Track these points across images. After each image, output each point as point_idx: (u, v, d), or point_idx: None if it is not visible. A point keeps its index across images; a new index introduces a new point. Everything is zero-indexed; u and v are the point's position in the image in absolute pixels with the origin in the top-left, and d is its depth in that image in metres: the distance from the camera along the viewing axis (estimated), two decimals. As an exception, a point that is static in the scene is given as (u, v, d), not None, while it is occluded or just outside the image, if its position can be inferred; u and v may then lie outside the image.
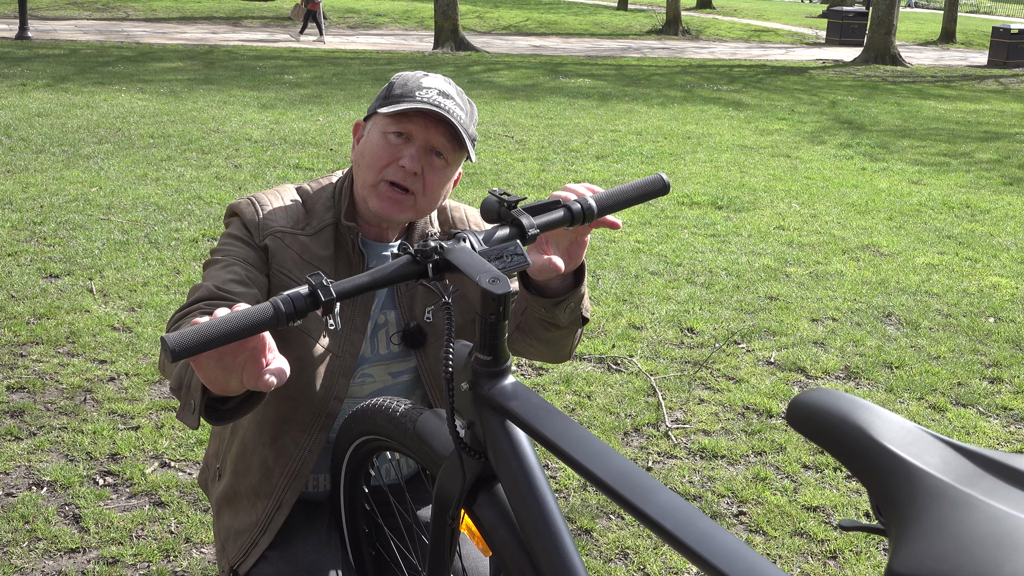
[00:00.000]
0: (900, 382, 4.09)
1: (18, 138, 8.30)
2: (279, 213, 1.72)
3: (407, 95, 1.63)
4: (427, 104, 1.60)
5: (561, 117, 11.20)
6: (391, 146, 1.65)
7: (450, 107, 1.63)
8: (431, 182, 1.67)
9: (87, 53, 15.26)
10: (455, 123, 1.62)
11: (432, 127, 1.64)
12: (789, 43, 26.25)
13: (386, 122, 1.66)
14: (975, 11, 46.83)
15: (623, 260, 5.63)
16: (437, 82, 1.67)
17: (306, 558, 1.70)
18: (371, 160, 1.66)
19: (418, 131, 1.64)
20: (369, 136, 1.69)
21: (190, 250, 5.38)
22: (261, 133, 9.11)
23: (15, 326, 4.20)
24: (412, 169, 1.63)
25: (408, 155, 1.64)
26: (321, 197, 1.75)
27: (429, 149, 1.65)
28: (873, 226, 6.75)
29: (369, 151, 1.67)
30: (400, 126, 1.64)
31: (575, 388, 3.88)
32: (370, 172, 1.66)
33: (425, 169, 1.66)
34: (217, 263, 1.65)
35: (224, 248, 1.68)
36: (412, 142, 1.65)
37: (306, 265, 1.69)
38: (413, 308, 1.76)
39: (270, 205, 1.72)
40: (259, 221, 1.70)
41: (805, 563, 2.80)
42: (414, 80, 1.66)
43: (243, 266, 1.64)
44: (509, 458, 1.24)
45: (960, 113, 13.46)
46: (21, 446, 3.22)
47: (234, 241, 1.69)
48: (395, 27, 24.61)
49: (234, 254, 1.66)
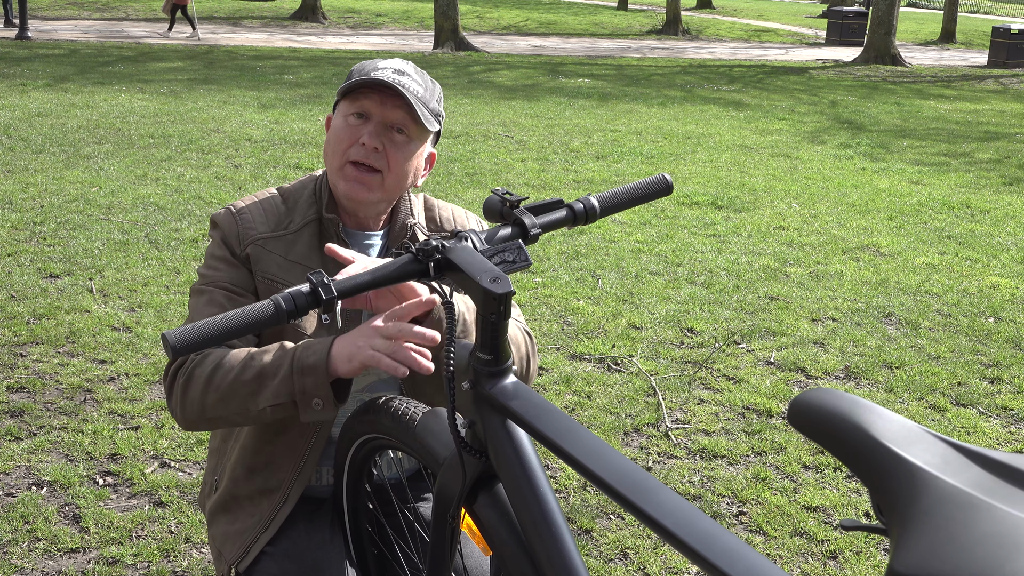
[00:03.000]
0: (900, 382, 4.09)
1: (18, 138, 8.30)
2: (258, 218, 1.74)
3: (362, 75, 1.66)
4: (379, 79, 1.63)
5: (561, 117, 11.20)
6: (351, 127, 1.68)
7: (404, 82, 1.66)
8: (395, 158, 1.69)
9: (87, 53, 15.26)
10: (409, 96, 1.64)
11: (388, 102, 1.66)
12: (789, 43, 26.25)
13: (346, 105, 1.70)
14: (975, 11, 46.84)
15: (623, 260, 5.63)
16: (393, 63, 1.71)
17: (310, 555, 1.70)
18: (335, 144, 1.70)
19: (374, 107, 1.67)
20: (333, 123, 1.73)
21: (190, 250, 5.38)
22: (261, 133, 9.11)
23: (15, 326, 4.20)
24: (372, 145, 1.66)
25: (367, 132, 1.67)
26: (303, 193, 1.78)
27: (388, 125, 1.68)
28: (873, 226, 6.75)
29: (333, 136, 1.71)
30: (358, 106, 1.68)
31: (575, 388, 3.88)
32: (335, 156, 1.70)
33: (387, 145, 1.68)
34: (202, 295, 1.69)
35: (207, 273, 1.72)
36: (371, 120, 1.68)
37: (292, 266, 1.71)
38: None
39: (248, 212, 1.75)
40: (238, 231, 1.72)
41: (805, 563, 2.80)
42: (370, 63, 1.70)
43: (225, 295, 1.68)
44: (510, 457, 1.24)
45: (960, 113, 13.46)
46: (21, 446, 3.22)
47: (216, 263, 1.72)
48: (395, 27, 24.61)
49: (216, 281, 1.70)
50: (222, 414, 1.59)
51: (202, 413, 1.60)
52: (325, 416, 1.54)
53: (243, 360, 1.57)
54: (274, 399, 1.53)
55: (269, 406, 1.54)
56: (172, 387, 1.63)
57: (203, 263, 1.75)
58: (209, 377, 1.57)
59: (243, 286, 1.70)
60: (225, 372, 1.57)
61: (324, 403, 1.52)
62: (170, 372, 1.64)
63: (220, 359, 1.59)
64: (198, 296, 1.70)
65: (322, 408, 1.52)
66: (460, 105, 11.67)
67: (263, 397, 1.54)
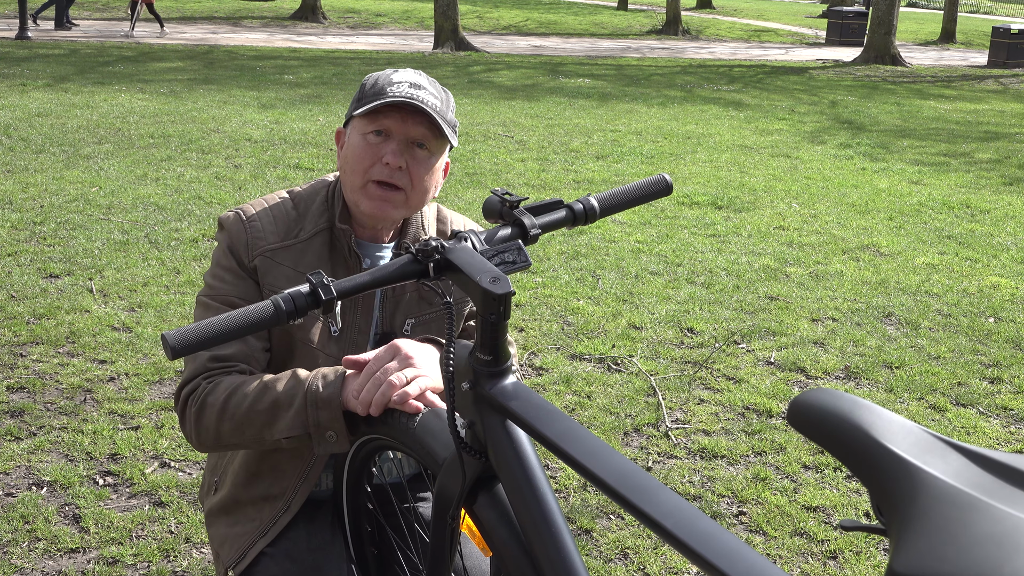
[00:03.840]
0: (900, 382, 4.09)
1: (18, 138, 8.30)
2: (268, 226, 1.71)
3: (379, 93, 1.63)
4: (400, 97, 1.61)
5: (561, 117, 11.20)
6: (372, 146, 1.65)
7: (423, 97, 1.63)
8: (417, 174, 1.67)
9: (87, 53, 15.27)
10: (431, 112, 1.62)
11: (409, 119, 1.64)
12: (789, 43, 26.25)
13: (363, 123, 1.66)
14: (975, 11, 46.83)
15: (623, 260, 5.63)
16: (407, 75, 1.67)
17: (310, 557, 1.70)
18: (355, 163, 1.67)
19: (395, 125, 1.65)
20: (350, 140, 1.70)
21: (190, 250, 5.38)
22: (261, 133, 9.11)
23: (15, 326, 4.20)
24: (396, 164, 1.64)
25: (389, 151, 1.64)
26: (315, 200, 1.76)
27: (410, 142, 1.66)
28: (873, 226, 6.75)
29: (352, 155, 1.68)
30: (377, 124, 1.65)
31: (575, 388, 3.88)
32: (356, 175, 1.67)
33: (409, 162, 1.66)
34: (208, 309, 1.68)
35: (213, 284, 1.70)
36: (392, 138, 1.65)
37: (301, 277, 1.70)
38: (395, 316, 1.76)
39: (258, 220, 1.72)
40: (247, 240, 1.70)
41: (805, 563, 2.80)
42: (384, 77, 1.67)
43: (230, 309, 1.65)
44: (510, 458, 1.24)
45: (960, 113, 13.46)
46: (21, 446, 3.22)
47: (223, 273, 1.70)
48: (395, 27, 24.61)
49: (221, 294, 1.68)
50: (238, 442, 1.60)
51: (218, 441, 1.61)
52: (339, 449, 1.55)
53: (256, 389, 1.57)
54: (289, 431, 1.54)
55: (284, 438, 1.55)
56: (185, 413, 1.63)
57: (210, 269, 1.73)
58: (223, 406, 1.58)
59: (249, 299, 1.68)
60: (239, 401, 1.57)
61: (338, 436, 1.53)
62: (181, 397, 1.63)
63: (233, 388, 1.58)
64: (204, 309, 1.68)
65: (336, 441, 1.54)
66: (460, 105, 11.66)
67: (278, 428, 1.55)
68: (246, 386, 1.58)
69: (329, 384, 1.53)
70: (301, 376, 1.56)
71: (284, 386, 1.55)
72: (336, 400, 1.51)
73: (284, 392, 1.55)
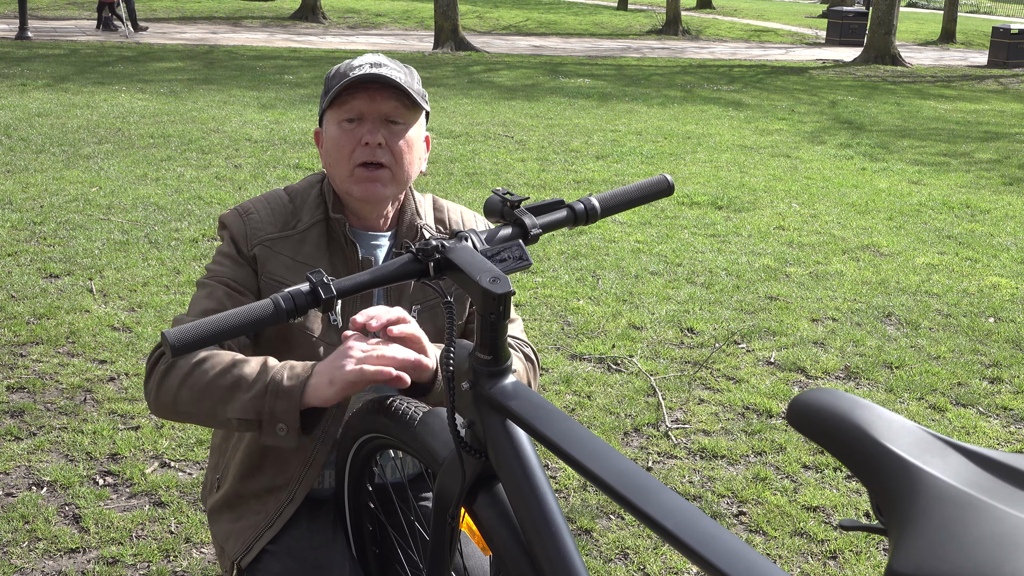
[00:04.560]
0: (900, 382, 4.09)
1: (18, 138, 8.30)
2: (266, 218, 1.75)
3: (342, 79, 1.67)
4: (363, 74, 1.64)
5: (561, 117, 11.20)
6: (348, 132, 1.69)
7: (385, 72, 1.66)
8: (397, 148, 1.70)
9: (87, 53, 15.26)
10: (396, 82, 1.65)
11: (377, 96, 1.67)
12: (789, 43, 26.25)
13: (336, 114, 1.70)
14: (975, 11, 46.82)
15: (623, 260, 5.63)
16: (366, 58, 1.72)
17: (312, 555, 1.71)
18: (337, 153, 1.70)
19: (365, 106, 1.68)
20: (327, 134, 1.73)
21: (190, 250, 5.38)
22: (261, 133, 9.11)
23: (15, 326, 4.20)
24: (375, 141, 1.67)
25: (366, 130, 1.68)
26: (310, 193, 1.79)
27: (383, 119, 1.69)
28: (873, 226, 6.75)
29: (332, 146, 1.71)
30: (348, 109, 1.68)
31: (575, 388, 3.88)
32: (340, 164, 1.70)
33: (387, 138, 1.69)
34: (204, 288, 1.71)
35: (212, 268, 1.74)
36: (365, 119, 1.69)
37: (299, 266, 1.72)
38: (399, 303, 1.78)
39: (256, 212, 1.76)
40: (246, 231, 1.73)
41: (805, 563, 2.80)
42: (345, 66, 1.71)
43: (226, 291, 1.68)
44: (509, 457, 1.24)
45: (960, 113, 13.46)
46: (21, 446, 3.22)
47: (222, 259, 1.74)
48: (395, 27, 24.61)
49: (219, 276, 1.71)
50: (192, 411, 1.57)
51: (174, 406, 1.59)
52: (286, 443, 1.51)
53: (225, 364, 1.56)
54: (242, 413, 1.52)
55: (236, 418, 1.53)
56: (152, 371, 1.62)
57: (212, 260, 1.77)
58: (189, 371, 1.57)
59: (245, 284, 1.71)
60: (204, 371, 1.56)
61: (289, 429, 1.50)
62: (154, 355, 1.64)
63: (204, 357, 1.58)
64: (200, 288, 1.72)
65: (285, 434, 1.50)
66: (460, 105, 11.66)
67: (231, 408, 1.53)
68: (216, 359, 1.58)
69: (294, 376, 1.51)
70: (270, 364, 1.56)
71: (250, 368, 1.55)
72: (296, 393, 1.49)
73: (248, 374, 1.54)
